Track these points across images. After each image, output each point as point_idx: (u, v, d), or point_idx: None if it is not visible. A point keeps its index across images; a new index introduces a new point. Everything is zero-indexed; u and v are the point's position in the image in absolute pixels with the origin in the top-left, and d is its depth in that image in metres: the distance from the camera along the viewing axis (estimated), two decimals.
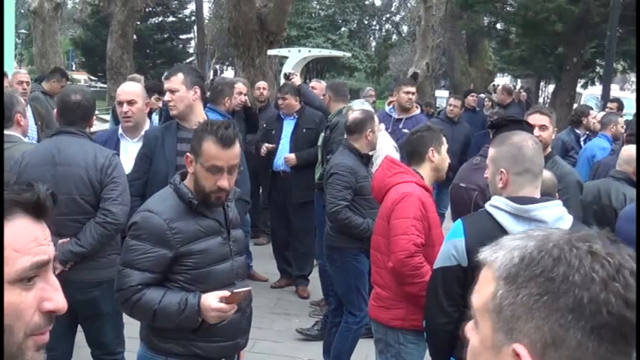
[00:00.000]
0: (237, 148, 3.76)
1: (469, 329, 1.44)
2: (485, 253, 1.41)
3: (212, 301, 3.56)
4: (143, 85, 11.37)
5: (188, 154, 3.77)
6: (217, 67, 40.76)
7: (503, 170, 3.60)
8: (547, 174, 5.44)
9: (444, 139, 4.91)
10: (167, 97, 5.52)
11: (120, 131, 5.95)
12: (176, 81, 5.51)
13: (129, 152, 5.77)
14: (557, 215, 3.48)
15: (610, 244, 1.34)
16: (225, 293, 3.59)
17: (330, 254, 6.51)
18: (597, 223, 5.82)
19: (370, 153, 6.43)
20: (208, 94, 7.52)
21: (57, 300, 1.51)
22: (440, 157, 4.86)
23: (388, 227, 4.73)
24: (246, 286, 3.78)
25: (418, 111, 9.30)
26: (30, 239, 1.45)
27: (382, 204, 4.93)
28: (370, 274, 6.19)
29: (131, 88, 6.01)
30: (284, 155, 8.60)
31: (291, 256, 8.66)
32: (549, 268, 1.29)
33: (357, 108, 7.26)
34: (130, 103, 5.84)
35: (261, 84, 11.37)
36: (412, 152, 4.94)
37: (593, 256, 1.29)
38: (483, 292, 1.39)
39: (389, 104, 9.06)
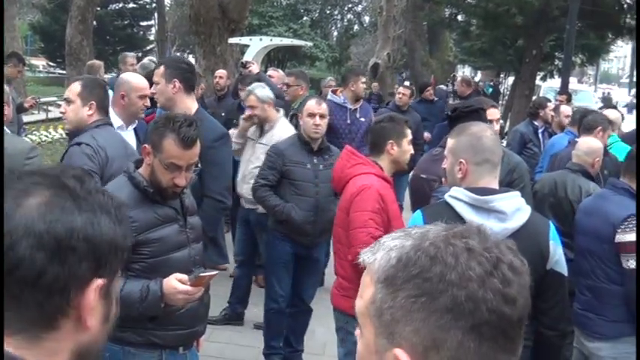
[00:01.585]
0: (198, 146, 3.76)
1: (357, 334, 1.41)
2: (364, 256, 1.39)
3: (176, 284, 3.55)
4: (102, 69, 11.34)
5: (146, 145, 3.74)
6: (178, 54, 40.42)
7: (462, 160, 3.62)
8: None
9: (407, 131, 4.91)
10: (152, 89, 5.58)
11: (117, 124, 5.80)
12: (157, 74, 5.52)
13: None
14: (515, 206, 3.50)
15: (488, 238, 1.32)
16: (184, 276, 3.58)
17: (263, 233, 6.72)
18: (553, 215, 5.92)
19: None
20: None
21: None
22: (399, 149, 4.86)
23: (347, 219, 4.74)
24: (198, 275, 3.77)
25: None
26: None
27: (342, 195, 4.95)
28: (293, 263, 6.40)
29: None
30: None
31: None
32: (426, 268, 1.26)
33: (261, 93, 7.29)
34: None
35: (221, 72, 11.32)
36: (372, 143, 4.96)
37: (469, 252, 1.27)
38: (364, 296, 1.36)
39: (335, 93, 9.02)
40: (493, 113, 5.91)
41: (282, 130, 7.29)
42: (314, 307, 6.58)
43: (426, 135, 11.54)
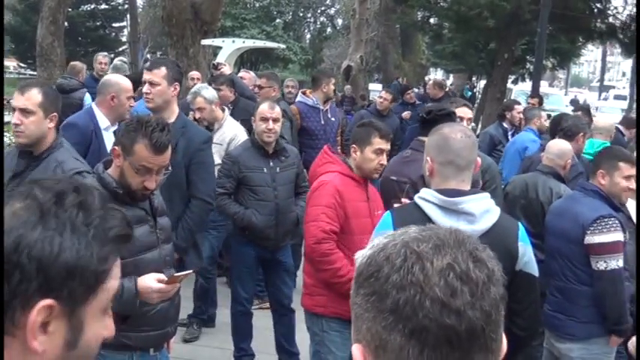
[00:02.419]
0: (169, 151, 3.74)
1: None
2: (358, 253, 1.37)
3: (151, 282, 3.54)
4: (85, 71, 11.26)
5: (116, 147, 3.72)
6: (149, 56, 40.25)
7: (428, 158, 3.64)
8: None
9: (374, 140, 4.82)
10: (146, 88, 5.46)
11: (105, 125, 5.76)
12: (158, 74, 5.47)
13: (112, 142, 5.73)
14: (484, 207, 3.50)
15: (452, 245, 1.28)
16: (161, 276, 3.57)
17: (229, 239, 6.77)
18: (524, 217, 5.95)
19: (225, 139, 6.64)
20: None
21: (111, 327, 1.50)
22: (361, 156, 4.82)
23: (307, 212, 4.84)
24: (172, 274, 3.76)
25: None
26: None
27: None
28: (262, 267, 6.47)
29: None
30: None
31: (223, 247, 8.61)
32: (378, 268, 1.27)
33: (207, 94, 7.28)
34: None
35: (194, 74, 11.28)
36: (347, 145, 4.99)
37: (417, 257, 1.25)
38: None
39: (305, 94, 9.02)
40: (465, 112, 5.93)
41: (231, 127, 7.40)
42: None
43: None
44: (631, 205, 5.48)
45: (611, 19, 20.56)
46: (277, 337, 6.45)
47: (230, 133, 7.31)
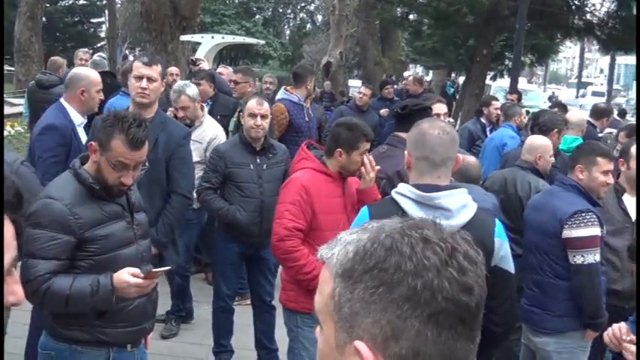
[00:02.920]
0: (146, 147, 3.73)
1: (317, 332, 1.40)
2: (322, 251, 1.37)
3: (127, 277, 3.53)
4: (65, 67, 11.19)
5: (92, 142, 3.70)
6: (127, 52, 40.07)
7: (406, 152, 3.65)
8: (472, 159, 5.59)
9: (361, 144, 4.78)
10: (144, 84, 5.40)
11: (79, 121, 5.72)
12: (157, 70, 5.47)
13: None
14: (461, 203, 3.50)
15: (443, 229, 1.33)
16: (136, 270, 3.56)
17: (210, 236, 6.77)
18: (503, 212, 5.97)
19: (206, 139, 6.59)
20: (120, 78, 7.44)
21: (19, 292, 1.50)
22: (348, 159, 4.78)
23: None
24: (150, 270, 3.75)
25: None
26: (11, 235, 1.45)
27: None
28: (245, 263, 6.47)
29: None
30: None
31: (201, 243, 8.59)
32: (382, 259, 1.27)
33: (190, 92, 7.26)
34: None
35: (173, 70, 11.24)
36: (327, 143, 4.93)
37: (425, 242, 1.28)
38: (323, 291, 1.35)
39: (288, 91, 8.95)
40: (440, 108, 5.96)
41: (211, 126, 7.40)
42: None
43: None
44: (629, 201, 5.53)
45: (588, 16, 20.67)
46: (257, 334, 6.45)
47: (211, 132, 7.30)
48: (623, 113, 28.50)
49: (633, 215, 5.50)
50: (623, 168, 5.62)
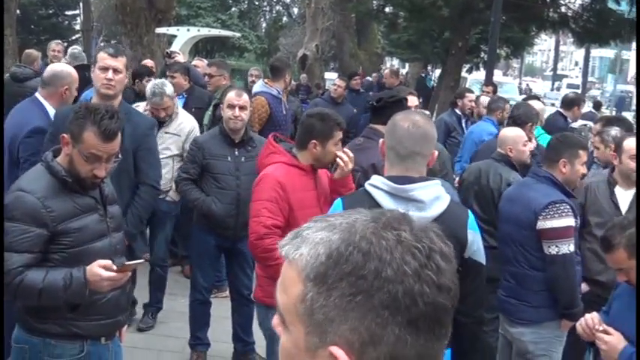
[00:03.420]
0: (119, 139, 3.71)
1: (276, 325, 1.36)
2: (286, 249, 1.32)
3: (99, 270, 3.52)
4: (39, 60, 11.10)
5: (65, 135, 3.69)
6: (102, 44, 39.84)
7: (381, 140, 3.68)
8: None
9: (335, 133, 4.75)
10: (110, 75, 5.31)
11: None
12: (122, 62, 5.39)
13: None
14: (434, 194, 3.51)
15: (415, 225, 1.30)
16: (108, 262, 3.55)
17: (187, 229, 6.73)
18: (477, 203, 6.03)
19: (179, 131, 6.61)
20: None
21: None
22: (322, 150, 4.71)
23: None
24: (123, 263, 3.73)
25: None
26: None
27: None
28: (223, 256, 6.52)
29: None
30: None
31: (177, 236, 8.58)
32: (360, 265, 1.23)
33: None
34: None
35: (148, 62, 11.20)
36: (298, 136, 4.87)
37: (402, 245, 1.24)
38: (290, 292, 1.30)
39: (268, 84, 8.89)
40: (412, 100, 5.98)
41: (187, 118, 7.40)
42: None
43: None
44: (621, 194, 5.58)
45: (563, 9, 20.75)
46: (234, 327, 6.45)
47: (188, 124, 7.29)
48: (598, 105, 28.67)
49: (624, 208, 5.55)
50: (615, 162, 5.67)
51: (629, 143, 5.59)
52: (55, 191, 3.59)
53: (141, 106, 7.00)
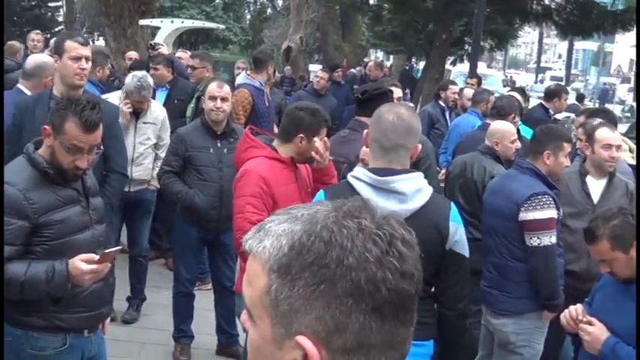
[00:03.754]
0: (100, 130, 3.70)
1: (244, 319, 1.36)
2: (249, 242, 1.32)
3: (81, 264, 3.50)
4: (22, 52, 11.03)
5: (46, 126, 3.67)
6: (86, 36, 39.63)
7: (365, 131, 3.68)
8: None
9: (322, 130, 4.70)
10: (84, 64, 5.24)
11: None
12: (90, 50, 5.36)
13: None
14: (416, 186, 3.52)
15: (376, 213, 1.30)
16: (91, 256, 3.54)
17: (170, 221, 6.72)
18: (462, 196, 6.06)
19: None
20: None
21: None
22: (307, 145, 4.66)
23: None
24: (103, 252, 3.71)
25: None
26: None
27: None
28: (205, 248, 6.50)
29: None
30: None
31: (161, 228, 8.57)
32: (322, 254, 1.23)
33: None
34: None
35: (132, 54, 11.16)
36: (283, 128, 4.80)
37: (363, 233, 1.25)
38: (255, 285, 1.30)
39: (250, 76, 8.85)
40: (395, 92, 5.99)
41: (156, 105, 7.45)
42: None
43: None
44: (592, 184, 5.61)
45: (547, 1, 20.78)
46: (217, 319, 6.46)
47: (161, 112, 7.32)
48: (581, 98, 28.81)
49: (596, 198, 5.60)
50: (588, 152, 5.69)
51: (602, 133, 5.64)
52: (37, 183, 3.58)
53: (113, 97, 6.94)
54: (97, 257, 3.55)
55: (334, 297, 1.22)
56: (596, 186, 5.64)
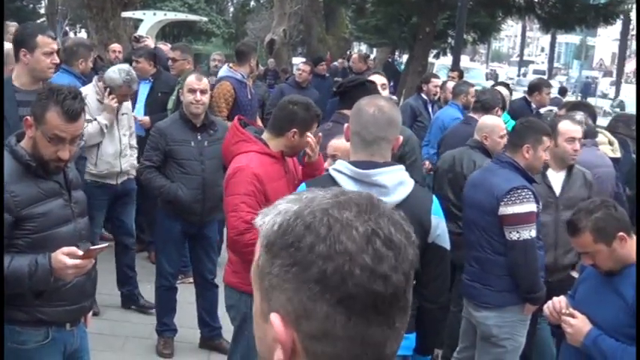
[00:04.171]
0: (82, 120, 3.69)
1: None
2: (258, 218, 1.35)
3: (64, 258, 3.49)
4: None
5: (28, 117, 3.66)
6: (67, 28, 39.42)
7: (346, 125, 3.68)
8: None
9: (313, 125, 4.72)
10: (56, 58, 5.37)
11: None
12: (58, 45, 5.39)
13: None
14: (398, 179, 3.54)
15: (372, 210, 1.29)
16: (73, 249, 3.53)
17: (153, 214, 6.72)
18: (451, 190, 6.06)
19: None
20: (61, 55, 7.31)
21: None
22: (300, 140, 4.66)
23: (225, 201, 4.63)
24: (88, 248, 3.71)
25: None
26: None
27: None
28: (187, 242, 6.46)
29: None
30: (138, 118, 8.40)
31: (144, 221, 8.54)
32: (299, 237, 1.25)
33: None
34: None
35: (116, 47, 11.11)
36: (276, 121, 4.75)
37: (342, 225, 1.25)
38: (255, 257, 1.35)
39: (232, 68, 8.81)
40: (377, 79, 5.96)
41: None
42: None
43: None
44: (553, 177, 5.63)
45: None
46: (200, 312, 6.45)
47: (128, 102, 7.32)
48: (563, 91, 28.92)
49: (557, 190, 5.64)
50: (550, 144, 5.72)
51: (564, 126, 5.68)
52: (19, 176, 3.57)
53: (88, 88, 6.89)
54: (79, 251, 3.54)
55: (304, 281, 1.23)
56: (556, 178, 5.67)
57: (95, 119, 6.71)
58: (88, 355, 4.11)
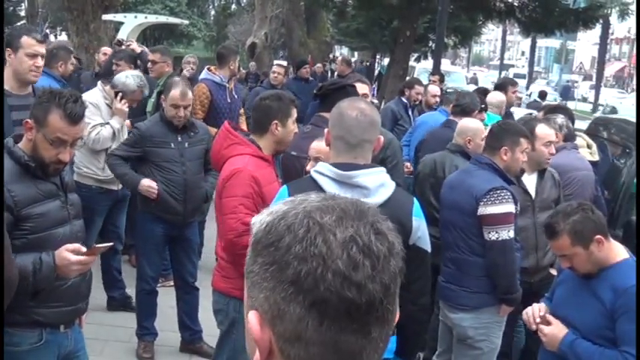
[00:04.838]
0: (83, 122, 3.73)
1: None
2: (254, 218, 1.36)
3: (69, 255, 3.52)
4: None
5: (28, 120, 3.67)
6: (48, 31, 39.23)
7: (326, 130, 3.69)
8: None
9: (292, 111, 4.79)
10: (40, 62, 5.33)
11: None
12: (45, 48, 5.37)
13: None
14: (379, 181, 3.55)
15: (355, 215, 1.29)
16: (77, 246, 3.54)
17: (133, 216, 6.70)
18: (433, 195, 6.06)
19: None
20: None
21: None
22: (284, 130, 4.72)
23: (221, 203, 4.62)
24: (93, 245, 3.74)
25: None
26: None
27: (219, 177, 4.80)
28: (168, 245, 6.44)
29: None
30: None
31: (126, 225, 8.51)
32: (279, 237, 1.26)
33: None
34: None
35: (106, 49, 11.07)
36: (256, 121, 4.82)
37: (321, 228, 1.25)
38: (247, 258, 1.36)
39: (211, 71, 8.78)
40: (361, 87, 5.99)
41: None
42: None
43: None
44: (528, 180, 5.66)
45: None
46: (180, 315, 6.44)
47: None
48: (543, 95, 29.11)
49: (533, 193, 5.67)
50: (527, 147, 5.74)
51: (542, 130, 5.72)
52: (18, 176, 3.60)
53: (95, 93, 6.89)
54: (83, 248, 3.58)
55: (280, 281, 1.24)
56: (529, 181, 5.70)
57: (108, 123, 6.73)
58: (86, 354, 4.13)
